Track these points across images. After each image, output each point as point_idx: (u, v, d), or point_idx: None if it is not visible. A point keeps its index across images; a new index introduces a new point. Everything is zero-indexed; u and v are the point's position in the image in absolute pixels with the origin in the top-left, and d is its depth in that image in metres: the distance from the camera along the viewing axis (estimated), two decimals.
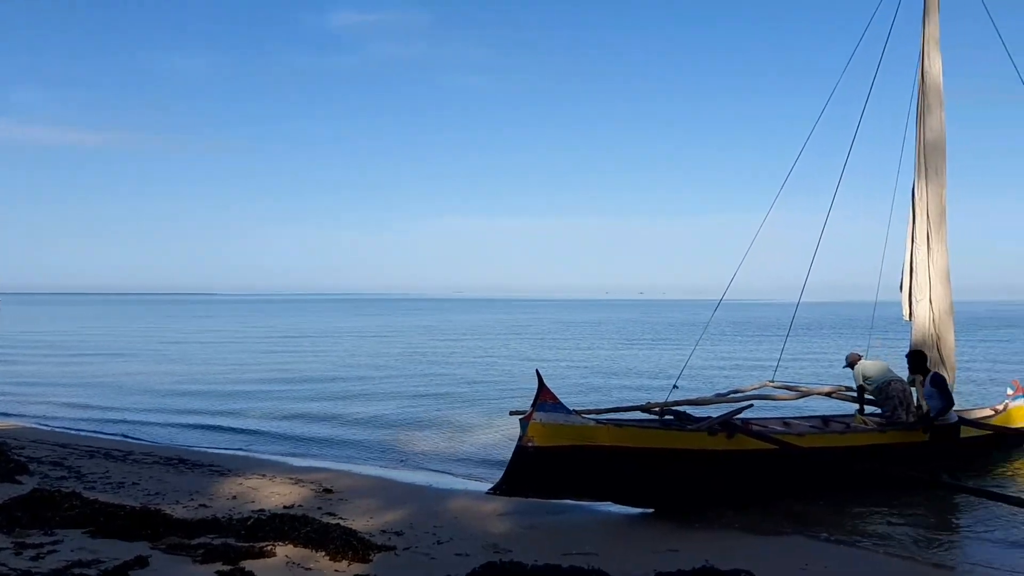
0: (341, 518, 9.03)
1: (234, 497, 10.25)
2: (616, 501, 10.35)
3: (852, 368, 13.27)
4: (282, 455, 14.58)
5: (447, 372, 29.60)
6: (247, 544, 7.52)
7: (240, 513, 9.06)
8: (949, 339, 13.12)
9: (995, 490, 10.63)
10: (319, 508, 9.60)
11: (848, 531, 9.59)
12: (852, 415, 13.04)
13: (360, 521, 8.98)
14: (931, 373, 11.97)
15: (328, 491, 10.77)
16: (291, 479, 11.52)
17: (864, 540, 9.25)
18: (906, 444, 11.98)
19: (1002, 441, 13.78)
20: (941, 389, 11.70)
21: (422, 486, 11.91)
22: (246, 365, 32.40)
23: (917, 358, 12.24)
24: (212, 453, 14.23)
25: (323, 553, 7.45)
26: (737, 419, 10.97)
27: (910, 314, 13.25)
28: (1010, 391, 14.68)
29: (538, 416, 9.21)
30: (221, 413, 19.61)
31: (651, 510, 10.27)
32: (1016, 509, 9.69)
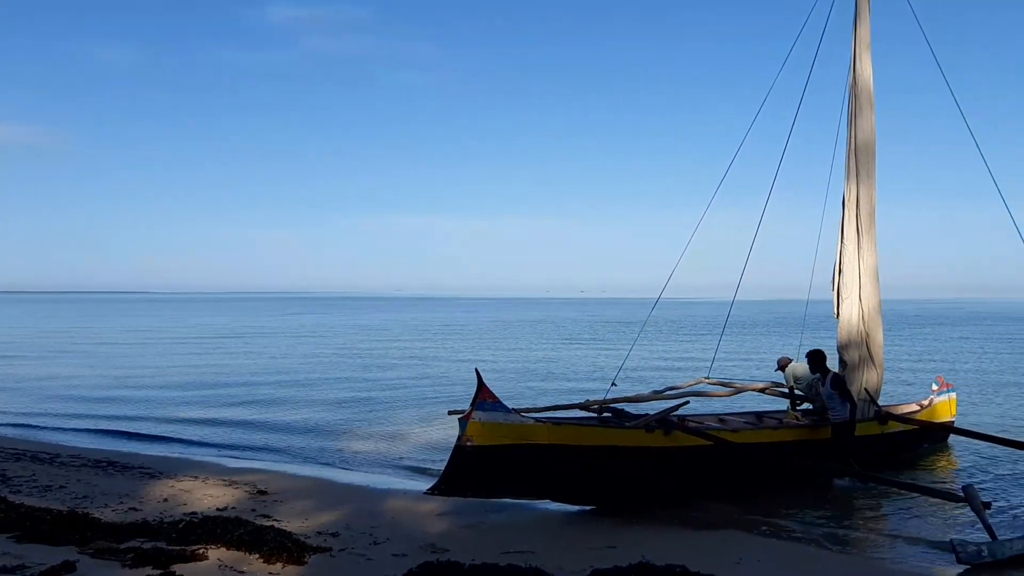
0: (276, 520, 8.90)
1: (165, 500, 10.03)
2: (555, 499, 10.37)
3: (783, 371, 13.58)
4: (216, 456, 14.29)
5: (384, 372, 29.36)
6: (178, 548, 7.38)
7: (172, 516, 8.88)
8: (878, 336, 13.45)
9: (919, 483, 11.00)
10: (253, 510, 9.45)
11: (781, 524, 9.81)
12: (784, 411, 13.31)
13: (295, 523, 8.86)
14: (831, 374, 12.12)
15: (263, 493, 10.60)
16: (225, 481, 11.31)
17: (796, 533, 9.48)
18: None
19: (927, 435, 14.22)
20: (841, 391, 11.89)
21: (359, 486, 11.78)
22: (176, 367, 31.52)
23: (816, 357, 12.31)
24: (143, 455, 13.88)
25: (257, 556, 7.33)
26: (674, 416, 11.09)
27: (838, 312, 13.55)
28: (935, 387, 15.17)
29: (477, 415, 9.18)
30: (146, 418, 19.02)
31: (589, 507, 10.33)
32: (938, 500, 10.03)
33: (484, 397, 9.24)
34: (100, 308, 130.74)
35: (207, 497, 10.18)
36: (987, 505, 9.14)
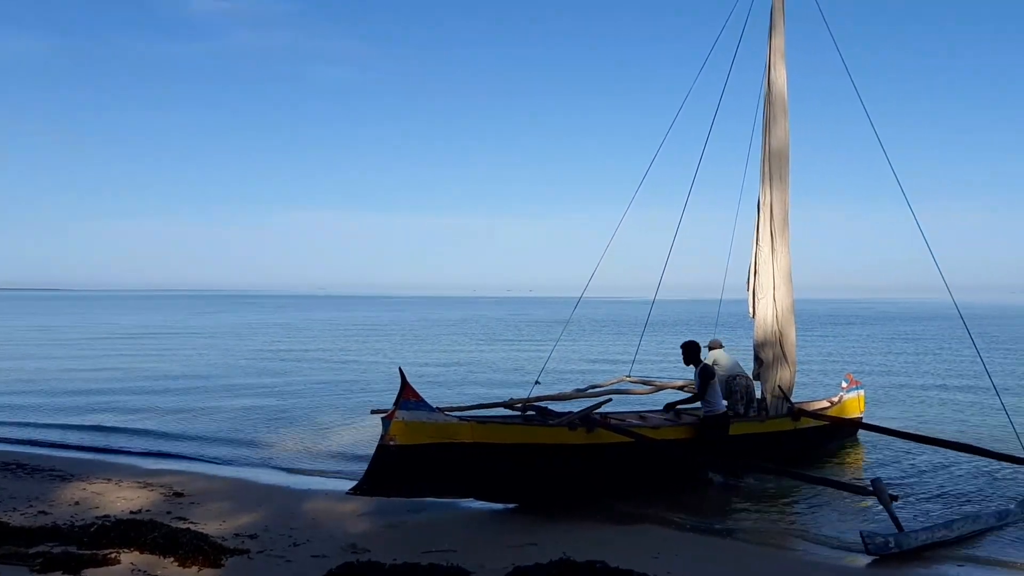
0: (192, 522, 8.71)
1: (77, 503, 9.72)
2: (479, 497, 10.40)
3: (710, 351, 13.89)
4: (130, 458, 13.89)
5: (305, 371, 28.91)
6: (90, 552, 7.19)
7: (83, 520, 8.61)
8: (791, 335, 13.85)
9: (829, 477, 11.35)
10: (168, 512, 9.23)
11: (699, 519, 10.04)
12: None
13: (212, 525, 8.69)
14: (701, 365, 11.99)
15: (179, 495, 10.37)
16: (139, 483, 11.01)
17: (712, 527, 9.73)
18: (752, 435, 12.63)
19: (838, 431, 14.71)
20: (702, 382, 11.75)
21: (279, 487, 11.59)
22: (87, 368, 30.24)
23: (688, 349, 12.20)
24: (54, 457, 13.40)
25: (172, 559, 7.19)
26: (596, 413, 11.25)
27: (754, 312, 13.92)
28: (844, 384, 15.70)
29: (400, 414, 9.15)
30: (56, 422, 18.31)
31: (512, 505, 10.39)
32: (848, 494, 10.40)
33: (407, 396, 9.22)
34: (13, 306, 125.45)
35: (121, 500, 9.91)
36: (894, 498, 9.51)
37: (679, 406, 12.67)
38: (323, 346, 42.47)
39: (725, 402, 12.43)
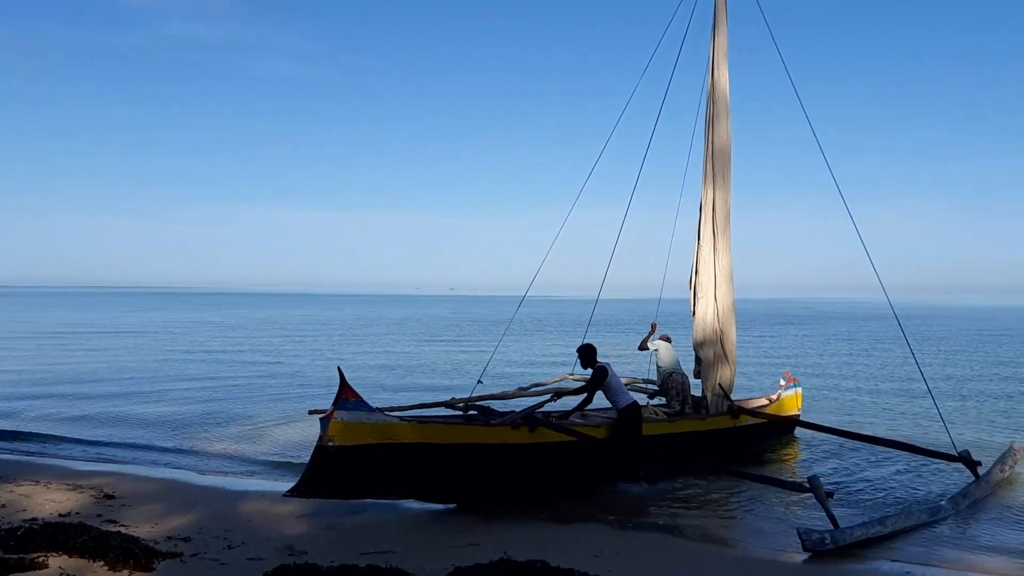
0: (123, 525, 8.47)
1: (3, 506, 9.37)
2: (420, 499, 10.28)
3: (659, 340, 14.01)
4: (59, 460, 13.45)
5: (241, 370, 28.40)
6: (16, 556, 6.93)
7: (10, 523, 8.29)
8: (731, 334, 14.01)
9: (767, 474, 11.50)
10: (99, 515, 8.95)
11: (638, 517, 10.08)
12: (645, 406, 13.67)
13: (144, 528, 8.45)
14: (597, 365, 11.59)
15: (110, 497, 10.06)
16: (68, 485, 10.67)
17: (652, 524, 9.77)
18: (694, 433, 12.74)
19: (776, 428, 14.93)
20: (596, 381, 11.37)
21: (213, 489, 11.30)
22: (7, 369, 29.25)
23: (584, 353, 11.76)
24: None
25: (101, 563, 6.97)
26: (539, 412, 11.22)
27: (695, 311, 14.05)
28: (782, 382, 15.92)
29: (339, 414, 8.98)
30: None
31: (453, 506, 10.31)
32: (785, 490, 10.53)
33: (347, 396, 9.05)
34: None
35: (49, 502, 9.58)
36: (830, 495, 9.68)
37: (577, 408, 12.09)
38: (258, 345, 41.70)
39: (633, 396, 12.44)
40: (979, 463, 12.12)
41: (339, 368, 9.43)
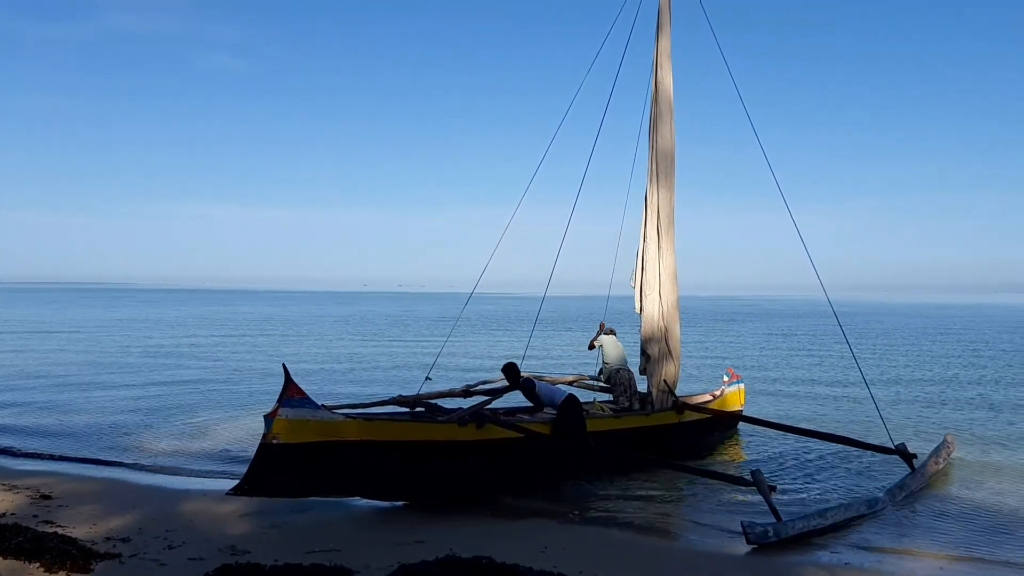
0: (60, 526, 8.27)
1: None
2: (367, 496, 10.20)
3: (603, 335, 14.11)
4: None
5: (182, 368, 27.86)
6: None
7: None
8: (676, 331, 14.16)
9: (712, 469, 11.75)
10: (35, 516, 8.73)
11: (585, 512, 10.16)
12: (591, 402, 13.76)
13: (82, 528, 8.26)
14: (522, 382, 11.89)
15: (46, 497, 9.81)
16: (3, 485, 10.35)
17: (598, 520, 9.85)
18: (639, 428, 12.85)
19: (720, 423, 15.15)
20: (529, 393, 11.86)
21: (153, 488, 11.10)
22: None
23: (509, 371, 12.01)
24: None
25: (37, 564, 6.80)
26: (487, 409, 11.20)
27: (640, 308, 14.18)
28: (726, 378, 16.18)
29: (284, 412, 8.85)
30: None
31: (400, 504, 10.26)
32: (729, 484, 10.75)
33: (291, 394, 8.94)
34: None
35: None
36: (773, 488, 9.86)
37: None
38: (198, 342, 40.93)
39: (570, 390, 12.52)
40: (914, 455, 12.45)
41: (284, 365, 9.32)
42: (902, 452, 12.47)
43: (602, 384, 14.25)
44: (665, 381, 13.84)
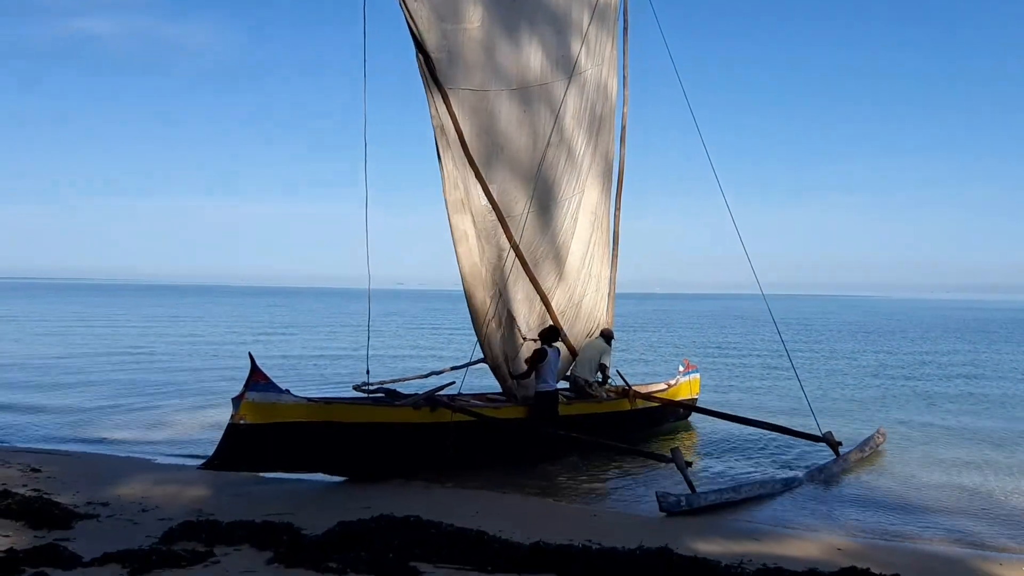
0: (47, 494, 9.19)
1: None
2: (327, 472, 11.15)
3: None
4: None
5: (154, 361, 28.70)
6: None
7: None
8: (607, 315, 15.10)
9: (635, 448, 12.74)
10: (24, 486, 9.67)
11: (522, 484, 11.20)
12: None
13: (66, 496, 9.19)
14: (542, 348, 12.77)
15: (35, 470, 10.79)
16: None
17: (533, 491, 10.97)
18: (591, 415, 13.79)
19: (671, 411, 16.13)
20: (532, 362, 12.64)
21: (133, 462, 12.17)
22: None
23: (549, 332, 13.09)
24: None
25: (24, 523, 7.75)
26: (443, 395, 12.12)
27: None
28: (681, 368, 17.08)
29: (250, 395, 9.78)
30: None
31: (355, 479, 11.13)
32: (653, 461, 11.78)
33: (257, 379, 9.90)
34: None
35: None
36: (689, 464, 10.85)
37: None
38: (172, 339, 41.35)
39: (562, 383, 13.50)
40: (840, 443, 13.39)
41: (250, 353, 10.28)
42: (828, 440, 13.37)
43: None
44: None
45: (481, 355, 13.13)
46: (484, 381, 14.29)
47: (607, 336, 14.86)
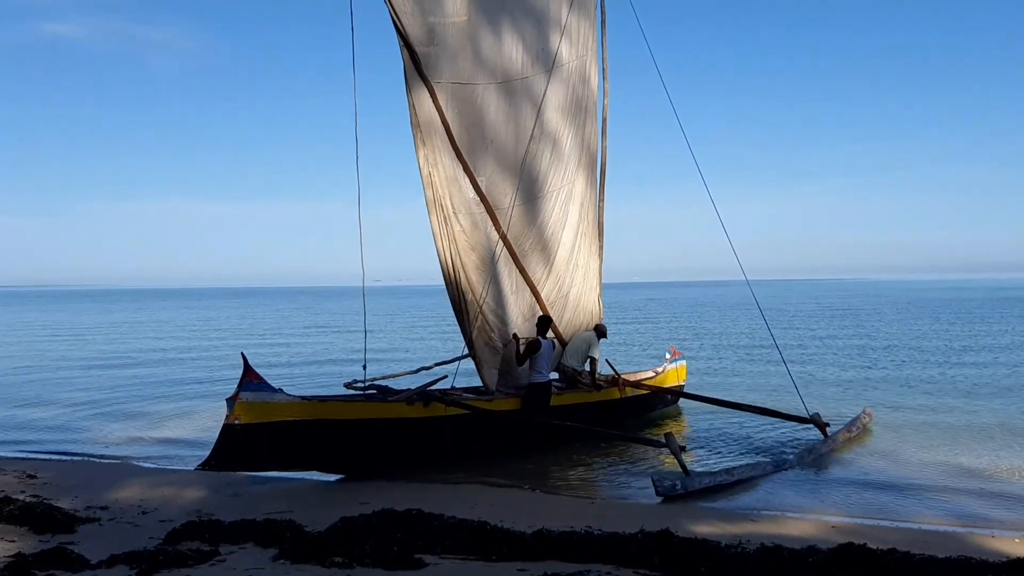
0: (46, 499, 9.20)
1: None
2: (322, 470, 11.20)
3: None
4: None
5: (146, 366, 28.45)
6: None
7: None
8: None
9: (631, 434, 12.97)
10: (23, 492, 9.69)
11: (518, 477, 11.26)
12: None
13: (65, 501, 9.22)
14: (536, 339, 12.90)
15: (32, 477, 10.79)
16: None
17: (530, 483, 11.01)
18: (583, 404, 13.92)
19: (660, 398, 16.28)
20: (527, 352, 12.82)
21: (130, 466, 12.17)
22: None
23: (543, 322, 13.26)
24: None
25: (27, 528, 7.77)
26: (435, 390, 12.17)
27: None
28: (668, 355, 17.23)
29: (244, 395, 9.80)
30: None
31: (352, 476, 11.18)
32: (650, 447, 11.93)
33: (250, 379, 9.92)
34: None
35: None
36: (683, 448, 10.98)
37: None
38: (158, 342, 41.11)
39: (554, 374, 13.59)
40: (828, 424, 13.59)
41: (242, 353, 10.30)
42: (816, 421, 13.59)
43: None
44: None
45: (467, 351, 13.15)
46: (476, 376, 14.23)
47: (601, 332, 14.94)
